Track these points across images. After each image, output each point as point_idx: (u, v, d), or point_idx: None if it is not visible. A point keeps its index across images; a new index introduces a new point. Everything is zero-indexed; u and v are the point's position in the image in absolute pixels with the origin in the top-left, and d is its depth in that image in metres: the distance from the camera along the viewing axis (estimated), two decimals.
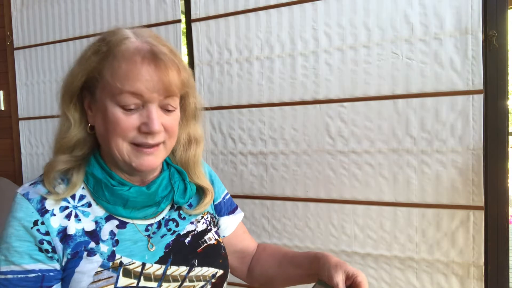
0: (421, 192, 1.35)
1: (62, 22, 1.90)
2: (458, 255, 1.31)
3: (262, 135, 1.56)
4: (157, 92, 0.66)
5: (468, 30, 1.26)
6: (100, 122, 0.69)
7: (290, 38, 1.49)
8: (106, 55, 0.66)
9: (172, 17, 1.68)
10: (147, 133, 0.67)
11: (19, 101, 2.05)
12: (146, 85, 0.64)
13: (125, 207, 0.71)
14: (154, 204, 0.74)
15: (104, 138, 0.69)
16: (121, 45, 0.66)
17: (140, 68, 0.64)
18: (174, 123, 0.72)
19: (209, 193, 0.83)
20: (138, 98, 0.65)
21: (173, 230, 0.77)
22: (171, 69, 0.66)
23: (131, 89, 0.64)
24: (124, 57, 0.65)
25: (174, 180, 0.78)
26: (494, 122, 1.25)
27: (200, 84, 1.65)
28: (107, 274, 0.67)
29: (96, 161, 0.73)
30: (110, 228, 0.71)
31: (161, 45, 0.68)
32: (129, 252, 0.70)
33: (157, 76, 0.65)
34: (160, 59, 0.65)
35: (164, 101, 0.68)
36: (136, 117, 0.66)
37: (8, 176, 2.10)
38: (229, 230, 0.90)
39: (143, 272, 0.69)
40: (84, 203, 0.71)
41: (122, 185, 0.71)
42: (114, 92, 0.65)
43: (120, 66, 0.64)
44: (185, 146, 0.81)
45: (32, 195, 0.68)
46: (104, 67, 0.66)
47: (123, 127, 0.66)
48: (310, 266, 0.78)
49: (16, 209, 0.67)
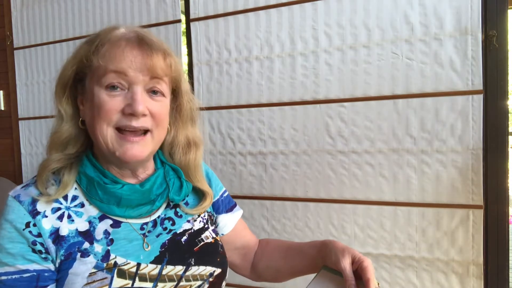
0: (421, 191, 1.35)
1: (62, 22, 1.90)
2: (457, 254, 1.32)
3: (262, 135, 1.56)
4: (141, 73, 0.67)
5: (468, 30, 1.26)
6: (88, 112, 0.70)
7: (290, 38, 1.49)
8: (94, 42, 0.68)
9: (172, 17, 1.68)
10: (131, 115, 0.67)
11: (19, 101, 2.04)
12: (130, 64, 0.66)
13: (119, 205, 0.71)
14: (148, 202, 0.73)
15: (91, 127, 0.69)
16: (109, 33, 0.69)
17: (124, 49, 0.66)
18: (162, 110, 0.71)
19: (209, 197, 0.83)
20: (122, 77, 0.66)
21: (169, 229, 0.76)
22: (156, 52, 0.68)
23: (114, 68, 0.66)
24: (110, 41, 0.67)
25: (169, 177, 0.77)
26: (494, 122, 1.25)
27: (199, 84, 1.65)
28: (101, 275, 0.66)
29: (88, 160, 0.72)
30: (104, 228, 0.70)
31: (150, 35, 0.70)
32: (124, 252, 0.70)
33: (141, 57, 0.67)
34: (145, 42, 0.68)
35: (150, 84, 0.69)
36: (120, 99, 0.67)
37: (8, 176, 2.10)
38: (228, 228, 0.89)
39: (138, 273, 0.69)
40: (77, 204, 0.71)
41: (115, 183, 0.71)
42: (100, 74, 0.67)
43: (106, 50, 0.67)
44: (184, 149, 0.81)
45: (23, 197, 0.68)
46: (92, 53, 0.68)
47: (107, 108, 0.66)
48: (317, 254, 0.78)
49: (8, 212, 0.67)
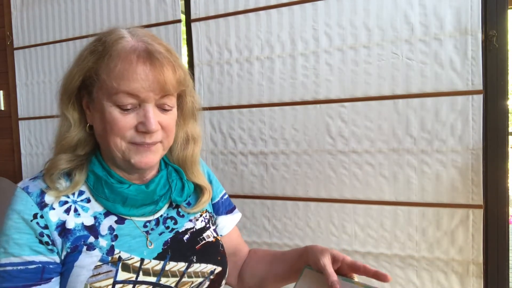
0: (421, 191, 1.36)
1: (62, 22, 1.90)
2: (457, 253, 1.32)
3: (263, 135, 1.57)
4: (153, 92, 0.66)
5: (468, 30, 1.26)
6: (98, 122, 0.69)
7: (290, 38, 1.49)
8: (102, 55, 0.67)
9: (172, 17, 1.68)
10: (144, 133, 0.67)
11: (19, 101, 2.04)
12: (142, 84, 0.65)
13: (124, 205, 0.72)
14: (152, 202, 0.75)
15: (103, 138, 0.69)
16: (117, 44, 0.67)
17: (135, 67, 0.65)
18: (171, 122, 0.72)
19: (206, 192, 0.84)
20: (134, 97, 0.66)
21: (172, 228, 0.78)
22: (166, 67, 0.67)
23: (127, 89, 0.65)
24: (119, 56, 0.65)
25: (171, 178, 0.78)
26: (494, 122, 1.26)
27: (200, 84, 1.65)
28: (106, 268, 0.67)
29: (97, 160, 0.73)
30: (109, 224, 0.71)
31: (156, 43, 0.69)
32: (128, 247, 0.71)
33: (152, 75, 0.65)
34: (155, 57, 0.66)
35: (161, 101, 0.69)
36: (133, 116, 0.67)
37: (8, 176, 2.10)
38: (226, 230, 0.90)
39: (142, 267, 0.70)
40: (83, 198, 0.71)
41: (121, 183, 0.72)
42: (111, 92, 0.66)
43: (116, 65, 0.65)
44: (182, 145, 0.81)
45: (32, 188, 0.68)
46: (100, 66, 0.66)
47: (120, 126, 0.66)
48: (298, 258, 0.78)
49: (16, 202, 0.67)
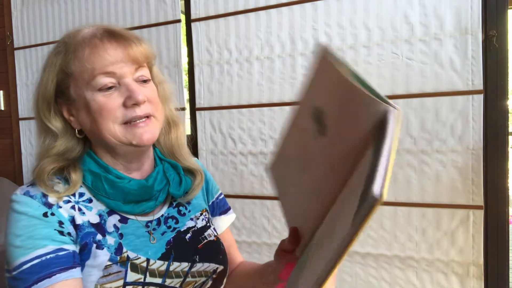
0: (421, 191, 1.35)
1: (62, 22, 1.90)
2: (457, 254, 1.32)
3: (262, 135, 1.56)
4: (126, 65, 0.67)
5: (468, 30, 1.26)
6: (85, 118, 0.69)
7: (290, 38, 1.49)
8: (67, 51, 0.68)
9: (172, 17, 1.68)
10: (134, 105, 0.67)
11: (19, 101, 2.04)
12: (113, 60, 0.66)
13: (125, 202, 0.71)
14: (151, 198, 0.74)
15: (95, 131, 0.69)
16: (77, 36, 0.68)
17: (102, 47, 0.66)
18: (153, 94, 0.72)
19: (198, 174, 0.83)
20: (112, 76, 0.67)
21: (173, 227, 0.77)
22: (131, 40, 0.69)
23: (102, 69, 0.66)
24: (84, 43, 0.67)
25: (169, 173, 0.78)
26: (494, 122, 1.25)
27: (200, 84, 1.65)
28: (116, 269, 0.67)
29: (90, 158, 0.72)
30: (114, 222, 0.71)
31: (116, 27, 0.71)
32: (134, 246, 0.70)
33: (120, 50, 0.67)
34: (118, 34, 0.68)
35: (136, 74, 0.69)
36: (116, 95, 0.67)
37: (8, 176, 2.10)
38: (220, 230, 0.90)
39: (148, 268, 0.70)
40: (84, 199, 0.71)
41: (121, 179, 0.71)
42: (88, 79, 0.66)
43: (83, 52, 0.66)
44: (166, 129, 0.81)
45: (33, 192, 0.67)
46: (69, 60, 0.67)
47: (109, 108, 0.66)
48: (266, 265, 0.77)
49: (21, 206, 0.65)
